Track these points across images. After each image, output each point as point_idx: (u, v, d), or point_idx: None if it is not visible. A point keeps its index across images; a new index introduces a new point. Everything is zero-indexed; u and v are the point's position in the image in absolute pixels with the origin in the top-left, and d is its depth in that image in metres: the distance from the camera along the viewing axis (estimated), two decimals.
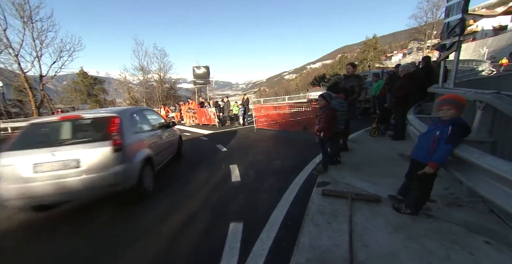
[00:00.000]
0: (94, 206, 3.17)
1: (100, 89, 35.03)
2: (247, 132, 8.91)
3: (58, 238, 2.52)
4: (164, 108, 15.83)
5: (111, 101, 34.90)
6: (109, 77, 39.34)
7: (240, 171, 4.18)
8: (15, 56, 20.26)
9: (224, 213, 2.72)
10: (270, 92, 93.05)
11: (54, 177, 2.63)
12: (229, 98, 12.64)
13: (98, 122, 3.13)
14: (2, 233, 2.73)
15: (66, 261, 2.14)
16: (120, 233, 2.50)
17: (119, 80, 29.62)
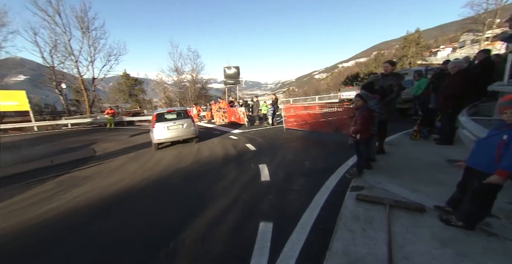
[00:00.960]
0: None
1: (140, 90, 38.11)
2: (276, 132, 8.88)
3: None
4: (196, 107, 16.59)
5: (149, 100, 37.76)
6: (147, 78, 42.54)
7: (270, 171, 4.18)
8: (75, 62, 23.15)
9: (254, 212, 2.75)
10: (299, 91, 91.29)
11: (175, 130, 7.11)
12: (258, 98, 12.71)
13: (183, 111, 7.87)
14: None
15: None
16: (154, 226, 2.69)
17: (156, 81, 31.93)
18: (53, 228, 2.82)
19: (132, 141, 9.69)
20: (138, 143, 8.89)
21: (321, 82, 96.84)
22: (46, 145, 10.04)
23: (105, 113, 16.92)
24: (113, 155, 6.93)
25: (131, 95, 37.43)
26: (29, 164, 6.53)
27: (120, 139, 10.43)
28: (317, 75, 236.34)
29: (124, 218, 2.95)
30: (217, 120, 14.23)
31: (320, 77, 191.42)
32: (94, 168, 5.65)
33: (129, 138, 10.51)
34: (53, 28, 22.03)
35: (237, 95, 23.36)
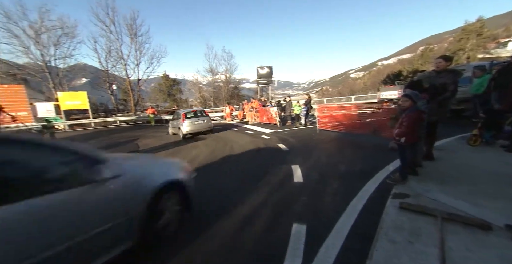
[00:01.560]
0: None
1: (177, 90, 40.68)
2: (309, 132, 8.66)
3: None
4: (229, 106, 17.08)
5: (185, 100, 40.09)
6: (184, 79, 45.22)
7: (302, 172, 4.09)
8: (124, 65, 25.79)
9: (286, 213, 2.72)
10: (333, 91, 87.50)
11: (199, 125, 9.92)
12: (290, 98, 12.55)
13: (202, 111, 10.84)
14: None
15: None
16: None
17: (192, 81, 33.76)
18: None
19: (170, 138, 10.40)
20: (175, 140, 9.51)
21: (357, 82, 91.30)
22: (100, 139, 11.40)
23: (148, 112, 18.50)
24: (154, 150, 7.53)
25: (169, 95, 40.19)
26: None
27: (160, 136, 11.29)
28: (353, 74, 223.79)
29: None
30: (249, 119, 14.45)
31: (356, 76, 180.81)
32: None
33: (167, 135, 11.30)
34: (108, 36, 24.96)
35: (269, 95, 23.42)
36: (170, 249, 2.18)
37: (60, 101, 19.69)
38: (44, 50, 22.06)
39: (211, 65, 30.91)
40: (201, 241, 2.29)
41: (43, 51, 22.00)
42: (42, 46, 21.88)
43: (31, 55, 21.69)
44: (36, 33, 21.47)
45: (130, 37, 25.68)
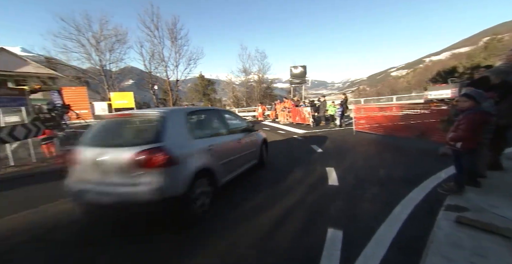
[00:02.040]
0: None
1: (212, 90, 42.41)
2: (344, 134, 8.24)
3: None
4: (261, 106, 17.19)
5: (219, 99, 41.56)
6: (218, 79, 46.92)
7: (338, 175, 3.91)
8: (165, 67, 27.85)
9: (321, 217, 2.61)
10: (371, 91, 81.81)
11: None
12: (325, 97, 12.09)
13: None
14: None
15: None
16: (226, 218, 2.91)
17: (226, 81, 34.83)
18: None
19: None
20: None
21: (399, 80, 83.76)
22: None
23: None
24: None
25: (204, 94, 42.13)
26: None
27: None
28: (394, 72, 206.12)
29: None
30: (281, 119, 14.35)
31: (398, 74, 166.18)
32: None
33: None
34: (152, 40, 27.15)
35: (302, 94, 22.92)
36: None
37: (112, 100, 22.11)
38: (101, 56, 25.04)
39: (244, 65, 31.54)
40: (237, 235, 2.33)
41: (101, 56, 24.99)
42: (100, 52, 24.86)
43: (92, 60, 24.81)
44: (97, 42, 24.48)
45: (170, 40, 27.58)
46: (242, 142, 3.95)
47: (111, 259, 2.09)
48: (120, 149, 2.43)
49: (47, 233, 2.67)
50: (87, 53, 24.37)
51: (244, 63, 31.54)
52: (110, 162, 2.39)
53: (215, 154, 3.06)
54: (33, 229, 2.81)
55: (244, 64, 31.52)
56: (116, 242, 2.35)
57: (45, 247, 2.38)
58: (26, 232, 2.72)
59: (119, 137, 2.92)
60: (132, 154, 2.28)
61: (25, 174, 5.82)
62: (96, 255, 2.17)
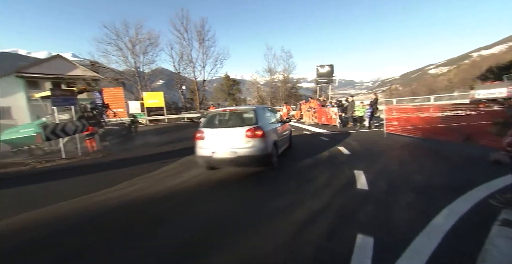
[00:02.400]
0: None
1: (237, 89, 43.06)
2: (374, 136, 7.80)
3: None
4: (286, 106, 17.02)
5: (244, 99, 42.04)
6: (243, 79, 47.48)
7: (367, 179, 3.70)
8: (192, 67, 28.99)
9: (349, 221, 2.50)
10: (405, 90, 76.07)
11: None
12: (353, 98, 11.56)
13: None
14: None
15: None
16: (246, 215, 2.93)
17: (251, 81, 35.11)
18: (181, 198, 3.62)
19: None
20: None
21: (438, 78, 76.55)
22: (171, 134, 13.15)
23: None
24: None
25: (229, 94, 42.96)
26: (163, 147, 8.74)
27: None
28: (433, 69, 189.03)
29: (222, 199, 3.40)
30: (306, 119, 14.07)
31: (438, 71, 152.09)
32: None
33: None
34: (181, 42, 28.51)
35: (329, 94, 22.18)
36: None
37: (144, 100, 23.67)
38: (136, 58, 26.99)
39: (269, 65, 31.50)
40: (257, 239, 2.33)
41: (135, 59, 26.97)
42: (135, 55, 26.84)
43: (128, 63, 26.89)
44: (132, 45, 26.47)
45: (198, 42, 28.67)
46: (284, 128, 5.86)
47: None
48: (236, 128, 4.31)
49: (110, 213, 2.97)
50: (124, 56, 26.46)
51: (269, 63, 31.54)
52: (231, 135, 4.24)
53: (276, 133, 5.02)
54: (93, 210, 3.14)
55: (269, 64, 31.52)
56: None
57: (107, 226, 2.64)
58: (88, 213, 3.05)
59: (232, 121, 4.73)
60: (244, 130, 4.15)
61: (74, 166, 6.50)
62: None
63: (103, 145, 9.57)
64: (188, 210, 3.12)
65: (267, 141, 4.26)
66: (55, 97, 7.98)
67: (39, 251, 2.36)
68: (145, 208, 3.28)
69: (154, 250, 2.23)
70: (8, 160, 7.30)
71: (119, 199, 3.68)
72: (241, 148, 4.08)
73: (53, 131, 6.98)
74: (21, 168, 6.15)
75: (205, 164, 4.60)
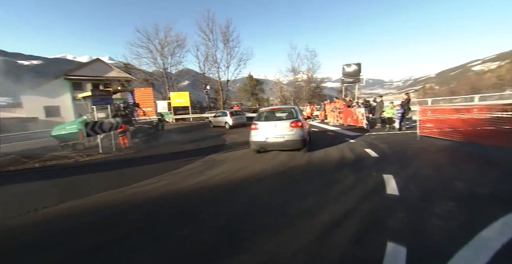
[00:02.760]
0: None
1: (260, 89, 43.20)
2: (405, 138, 7.28)
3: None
4: (310, 106, 16.64)
5: (266, 99, 42.04)
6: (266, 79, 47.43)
7: (398, 184, 3.46)
8: (217, 68, 29.70)
9: (378, 227, 2.36)
10: (441, 90, 69.89)
11: (240, 120, 14.73)
12: (382, 98, 10.90)
13: (241, 111, 15.69)
14: None
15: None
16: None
17: (274, 81, 34.96)
18: (204, 195, 3.72)
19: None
20: None
21: (484, 76, 68.89)
22: (195, 133, 13.60)
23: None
24: (237, 145, 8.26)
25: (252, 94, 43.29)
26: (187, 145, 9.07)
27: (243, 132, 12.29)
28: (477, 66, 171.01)
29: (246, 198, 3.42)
30: (330, 120, 13.62)
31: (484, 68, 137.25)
32: (225, 154, 6.98)
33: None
34: (207, 43, 29.33)
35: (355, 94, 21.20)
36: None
37: (171, 99, 24.83)
38: (164, 60, 28.41)
39: (293, 64, 31.08)
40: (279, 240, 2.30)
41: (164, 60, 28.38)
42: (164, 56, 28.24)
43: (157, 64, 28.41)
44: (162, 47, 27.90)
45: (223, 43, 29.27)
46: (307, 123, 6.64)
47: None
48: (283, 120, 6.06)
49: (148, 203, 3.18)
50: (153, 58, 28.00)
51: (293, 62, 31.12)
52: (280, 126, 5.91)
53: (307, 125, 6.80)
54: (126, 203, 3.38)
55: (293, 64, 31.10)
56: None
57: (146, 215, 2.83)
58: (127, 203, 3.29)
59: (279, 116, 6.49)
60: (289, 122, 5.84)
61: (109, 161, 7.04)
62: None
63: (134, 142, 10.22)
64: (212, 207, 3.19)
65: (304, 130, 5.94)
66: (94, 97, 8.73)
67: (78, 238, 2.58)
68: (173, 203, 3.42)
69: (182, 243, 2.31)
70: (57, 153, 8.13)
71: (148, 193, 3.90)
72: (287, 134, 5.77)
73: (93, 128, 7.62)
74: (66, 161, 6.82)
75: (258, 147, 6.18)
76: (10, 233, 2.80)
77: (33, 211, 3.33)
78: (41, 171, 5.89)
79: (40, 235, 2.71)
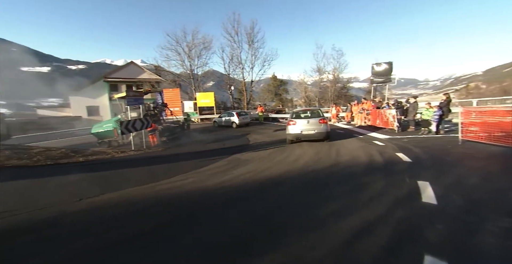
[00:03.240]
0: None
1: (283, 90, 42.85)
2: (443, 142, 6.69)
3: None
4: (335, 107, 16.08)
5: (290, 99, 41.56)
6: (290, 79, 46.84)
7: (435, 192, 3.19)
8: (241, 69, 30.12)
9: (413, 237, 2.20)
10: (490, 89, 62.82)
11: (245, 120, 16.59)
12: (417, 99, 10.10)
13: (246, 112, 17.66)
14: None
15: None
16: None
17: (298, 81, 34.41)
18: (229, 194, 3.80)
19: (275, 135, 11.11)
20: (281, 138, 10.02)
21: None
22: (218, 133, 13.93)
23: (258, 110, 20.67)
24: (262, 146, 8.29)
25: (276, 94, 43.09)
26: (212, 144, 9.33)
27: (267, 133, 12.31)
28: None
29: (271, 198, 3.41)
30: (357, 121, 13.02)
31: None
32: (250, 154, 7.05)
33: (273, 133, 12.12)
34: (232, 45, 29.89)
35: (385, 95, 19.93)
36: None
37: (197, 99, 25.75)
38: (191, 62, 29.57)
39: (318, 64, 30.28)
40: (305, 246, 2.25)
41: (191, 62, 29.55)
42: (191, 58, 29.42)
43: (185, 66, 29.68)
44: (189, 50, 29.10)
45: (248, 44, 29.58)
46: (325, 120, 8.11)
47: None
48: (314, 118, 7.97)
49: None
50: (181, 60, 29.28)
51: (318, 62, 30.30)
52: (311, 122, 7.83)
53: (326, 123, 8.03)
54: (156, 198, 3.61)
55: (318, 63, 30.29)
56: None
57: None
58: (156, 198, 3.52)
59: (309, 115, 8.33)
60: (318, 119, 7.86)
61: (141, 157, 7.53)
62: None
63: (162, 140, 10.80)
64: (237, 206, 3.25)
65: (327, 125, 7.85)
66: (129, 98, 9.41)
67: (115, 227, 2.80)
68: (199, 200, 3.56)
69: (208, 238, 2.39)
70: (96, 149, 8.93)
71: (176, 190, 4.09)
72: (317, 128, 7.69)
73: (127, 127, 8.21)
74: (104, 156, 7.45)
75: (293, 138, 7.96)
76: (64, 219, 3.13)
77: (79, 201, 3.70)
78: (84, 165, 6.50)
79: (86, 222, 3.00)
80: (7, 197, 4.05)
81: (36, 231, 2.80)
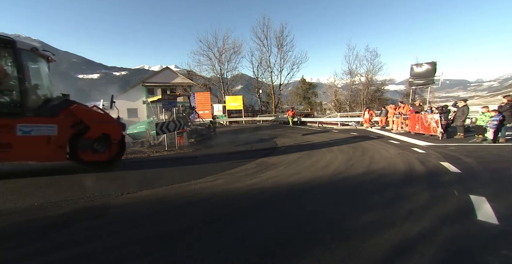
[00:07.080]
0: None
1: (313, 93, 41.89)
2: (503, 152, 5.87)
3: None
4: (369, 111, 15.19)
5: (319, 103, 40.42)
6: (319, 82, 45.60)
7: (495, 209, 2.78)
8: (270, 72, 30.30)
9: (466, 260, 1.93)
10: None
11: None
12: (467, 102, 9.03)
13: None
14: None
15: None
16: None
17: (328, 84, 33.34)
18: (257, 196, 3.79)
19: (304, 139, 10.87)
20: (309, 142, 9.78)
21: None
22: (247, 135, 14.09)
23: (287, 114, 20.52)
24: (289, 149, 8.16)
25: (304, 98, 42.31)
26: (240, 147, 9.47)
27: (295, 137, 12.10)
28: None
29: (299, 205, 3.30)
30: (393, 127, 12.11)
31: None
32: (277, 157, 6.97)
33: (302, 137, 11.88)
34: (261, 49, 30.25)
35: (426, 98, 18.18)
36: None
37: (227, 103, 26.49)
38: (222, 66, 30.59)
39: (350, 66, 29.02)
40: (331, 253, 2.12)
41: (221, 66, 30.58)
42: (221, 63, 30.45)
43: (215, 70, 30.81)
44: (220, 55, 30.18)
45: (277, 47, 29.66)
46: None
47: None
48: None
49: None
50: (212, 65, 30.47)
51: (350, 64, 29.05)
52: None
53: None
54: (188, 197, 3.77)
55: (350, 65, 29.04)
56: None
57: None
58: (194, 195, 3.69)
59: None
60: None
61: (174, 157, 7.95)
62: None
63: (190, 142, 11.28)
64: (266, 210, 3.21)
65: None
66: (164, 101, 10.05)
67: (151, 223, 2.96)
68: (230, 201, 3.59)
69: (240, 239, 2.39)
70: (134, 149, 9.68)
71: (206, 190, 4.20)
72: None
73: (161, 128, 8.76)
74: (142, 155, 8.03)
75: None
76: (108, 210, 3.43)
77: (120, 195, 4.02)
78: (125, 162, 7.08)
79: (127, 216, 3.22)
80: (67, 188, 4.57)
81: (88, 219, 3.09)
